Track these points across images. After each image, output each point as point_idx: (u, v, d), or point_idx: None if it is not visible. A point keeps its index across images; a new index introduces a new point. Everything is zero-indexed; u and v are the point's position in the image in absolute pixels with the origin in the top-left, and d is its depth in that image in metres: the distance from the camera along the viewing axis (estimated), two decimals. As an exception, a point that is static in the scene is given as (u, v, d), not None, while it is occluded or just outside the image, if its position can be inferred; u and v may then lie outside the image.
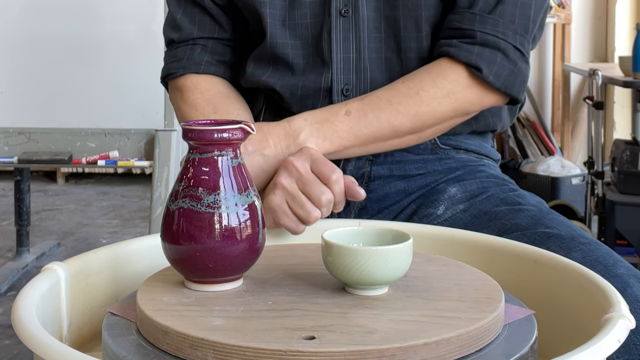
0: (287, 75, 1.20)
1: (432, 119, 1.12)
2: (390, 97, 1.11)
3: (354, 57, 1.17)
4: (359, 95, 1.17)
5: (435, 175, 1.22)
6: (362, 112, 1.10)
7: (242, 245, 0.80)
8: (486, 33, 1.12)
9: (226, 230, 0.79)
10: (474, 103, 1.14)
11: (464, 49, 1.12)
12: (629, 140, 3.42)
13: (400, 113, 1.10)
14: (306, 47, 1.19)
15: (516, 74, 1.13)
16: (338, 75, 1.17)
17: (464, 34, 1.13)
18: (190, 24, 1.25)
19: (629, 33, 4.64)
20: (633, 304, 0.91)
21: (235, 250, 0.79)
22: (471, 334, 0.71)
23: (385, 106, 1.10)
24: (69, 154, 2.52)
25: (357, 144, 1.10)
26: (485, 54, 1.12)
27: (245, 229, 0.80)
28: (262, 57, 1.21)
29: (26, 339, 0.73)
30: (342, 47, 1.17)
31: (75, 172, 5.30)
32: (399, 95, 1.11)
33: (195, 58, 1.24)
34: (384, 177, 1.21)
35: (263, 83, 1.21)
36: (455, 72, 1.12)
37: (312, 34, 1.18)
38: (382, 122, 1.10)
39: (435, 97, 1.11)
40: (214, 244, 0.78)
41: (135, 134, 2.52)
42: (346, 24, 1.17)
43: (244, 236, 0.80)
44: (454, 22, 1.14)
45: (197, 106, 1.20)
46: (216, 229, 0.79)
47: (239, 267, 0.81)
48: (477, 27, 1.12)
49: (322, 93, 1.18)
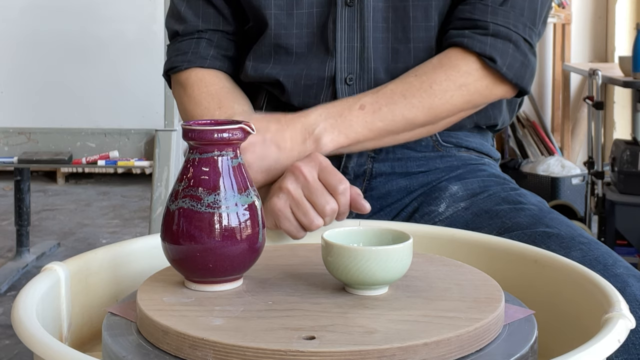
0: (290, 65, 1.20)
1: (445, 111, 1.13)
2: (403, 91, 1.11)
3: (358, 46, 1.18)
4: (362, 84, 1.17)
5: (437, 173, 1.22)
6: (377, 106, 1.10)
7: (242, 245, 0.80)
8: (498, 24, 1.13)
9: (226, 230, 0.79)
10: (484, 95, 1.15)
11: (477, 40, 1.13)
12: (629, 140, 3.42)
13: (414, 106, 1.11)
14: (310, 36, 1.19)
15: (526, 66, 1.15)
16: (342, 64, 1.18)
17: (475, 25, 1.14)
18: (194, 16, 1.25)
19: (629, 33, 4.64)
20: (632, 303, 0.91)
21: (235, 250, 0.79)
22: (471, 334, 0.71)
23: (399, 100, 1.11)
24: (69, 154, 2.52)
25: (371, 137, 1.11)
26: (498, 45, 1.13)
27: (245, 229, 0.80)
28: (264, 51, 1.21)
29: (26, 339, 0.73)
30: (346, 36, 1.17)
31: (75, 172, 5.29)
32: (412, 89, 1.11)
33: (201, 52, 1.23)
34: (385, 175, 1.21)
35: (265, 76, 1.21)
36: (467, 64, 1.13)
37: (317, 23, 1.19)
38: (396, 115, 1.10)
39: (448, 89, 1.12)
40: (214, 244, 0.79)
41: (135, 134, 2.52)
42: (351, 14, 1.17)
43: (244, 236, 0.80)
44: (466, 13, 1.15)
45: (201, 101, 1.19)
46: (216, 229, 0.79)
47: (239, 267, 0.81)
48: (490, 18, 1.14)
49: (325, 82, 1.18)
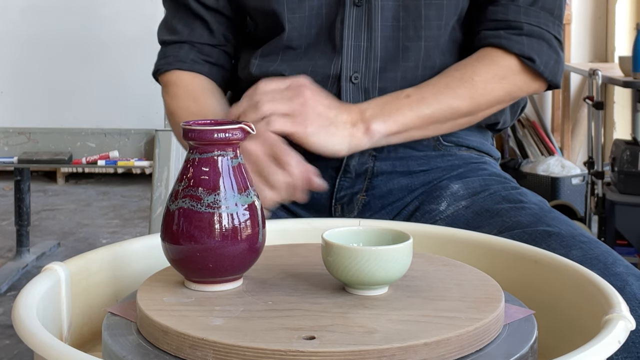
0: (297, 61, 1.21)
1: (487, 102, 1.16)
2: (447, 82, 1.14)
3: (364, 45, 1.19)
4: (367, 82, 1.19)
5: (438, 172, 1.23)
6: (421, 96, 1.13)
7: (242, 245, 0.80)
8: (532, 24, 1.18)
9: (226, 230, 0.79)
10: (522, 89, 1.19)
11: (514, 40, 1.17)
12: (629, 140, 3.42)
13: (458, 95, 1.14)
14: (318, 35, 1.20)
15: (558, 62, 1.20)
16: (348, 62, 1.19)
17: (510, 25, 1.18)
18: (183, 27, 1.30)
19: (629, 33, 4.65)
20: (632, 302, 0.91)
21: (235, 250, 0.79)
22: (471, 334, 0.71)
23: (443, 89, 1.13)
24: (69, 154, 2.52)
25: (418, 125, 1.13)
26: (534, 44, 1.17)
27: (245, 229, 0.80)
28: (272, 50, 1.23)
29: (27, 338, 0.73)
30: (353, 35, 1.19)
31: (75, 172, 5.30)
32: (455, 80, 1.15)
33: (181, 56, 1.28)
34: (387, 173, 1.21)
35: (271, 73, 1.22)
36: (506, 60, 1.17)
37: (324, 22, 1.20)
38: (442, 103, 1.13)
39: (489, 81, 1.15)
40: (214, 244, 0.78)
41: (135, 134, 2.52)
42: (359, 13, 1.18)
43: (244, 236, 0.80)
44: (499, 14, 1.19)
45: (179, 97, 1.26)
46: (216, 229, 0.79)
47: (239, 267, 0.81)
48: (523, 18, 1.18)
49: (330, 79, 1.19)
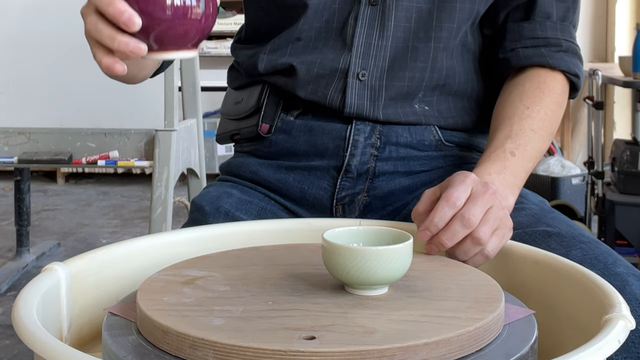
0: (305, 54, 1.22)
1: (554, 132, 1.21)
2: (530, 126, 1.15)
3: (375, 43, 1.19)
4: (374, 80, 1.19)
5: (439, 173, 1.22)
6: (522, 149, 1.13)
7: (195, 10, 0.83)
8: (567, 40, 1.23)
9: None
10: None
11: (558, 58, 1.21)
12: (629, 140, 3.42)
13: (543, 138, 1.16)
14: (330, 30, 1.21)
15: (583, 73, 1.24)
16: (357, 59, 1.19)
17: (549, 43, 1.22)
18: None
19: (629, 33, 4.65)
20: (632, 302, 0.91)
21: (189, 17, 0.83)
22: (471, 334, 0.71)
23: (532, 136, 1.15)
24: (69, 154, 2.52)
25: (525, 177, 1.14)
26: (573, 60, 1.22)
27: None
28: (282, 44, 1.23)
29: (27, 338, 0.73)
30: (365, 32, 1.19)
31: (75, 172, 5.30)
32: (536, 122, 1.16)
33: None
34: (388, 174, 1.21)
35: (279, 64, 1.23)
36: (558, 82, 1.21)
37: (337, 19, 1.21)
38: (536, 151, 1.15)
39: (555, 112, 1.19)
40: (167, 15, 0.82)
41: (135, 134, 2.52)
42: (373, 12, 1.19)
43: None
44: (537, 32, 1.22)
45: None
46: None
47: (193, 34, 0.84)
48: (560, 35, 1.22)
49: (337, 74, 1.20)
